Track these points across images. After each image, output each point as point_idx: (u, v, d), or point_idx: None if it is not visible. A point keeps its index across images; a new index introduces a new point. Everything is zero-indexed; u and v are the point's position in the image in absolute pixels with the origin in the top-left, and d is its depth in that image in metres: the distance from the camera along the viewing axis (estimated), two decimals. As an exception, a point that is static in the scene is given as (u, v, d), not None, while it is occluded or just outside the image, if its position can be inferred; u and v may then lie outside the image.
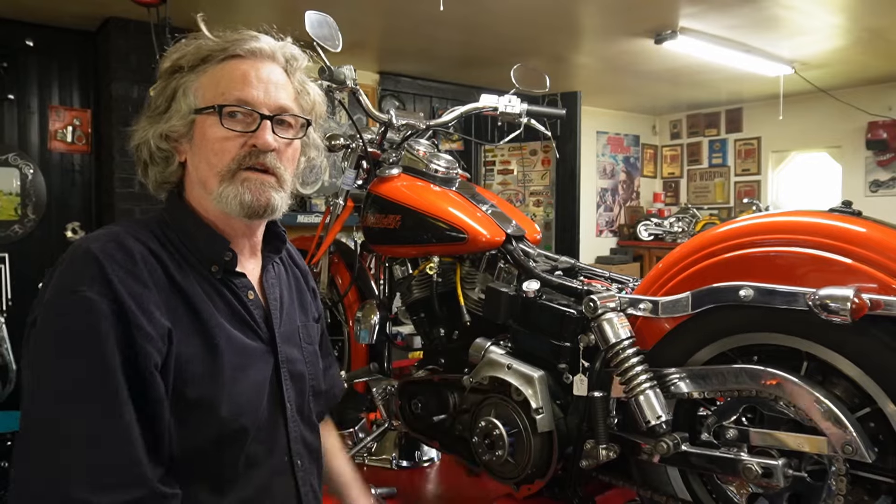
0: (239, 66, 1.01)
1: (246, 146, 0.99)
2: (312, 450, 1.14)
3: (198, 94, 1.00)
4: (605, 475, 1.46)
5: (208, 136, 0.99)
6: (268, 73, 1.02)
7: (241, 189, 0.99)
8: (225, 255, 1.02)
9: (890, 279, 1.06)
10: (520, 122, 2.06)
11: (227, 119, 0.98)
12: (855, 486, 1.13)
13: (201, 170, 1.01)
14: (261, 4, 3.97)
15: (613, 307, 1.36)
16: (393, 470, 2.00)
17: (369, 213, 1.83)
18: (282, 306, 1.12)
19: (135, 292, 0.89)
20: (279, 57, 1.05)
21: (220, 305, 1.01)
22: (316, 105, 1.11)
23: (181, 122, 1.01)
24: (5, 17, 4.16)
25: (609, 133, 7.66)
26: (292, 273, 1.22)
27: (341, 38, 1.82)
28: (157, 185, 1.07)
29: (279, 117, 1.02)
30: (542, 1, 3.98)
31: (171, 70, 1.02)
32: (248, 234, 1.09)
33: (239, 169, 0.99)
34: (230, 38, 1.02)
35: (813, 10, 4.15)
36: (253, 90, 1.00)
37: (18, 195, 4.27)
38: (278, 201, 1.03)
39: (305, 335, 1.17)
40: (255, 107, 0.99)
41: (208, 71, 1.01)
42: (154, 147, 1.02)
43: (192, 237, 1.02)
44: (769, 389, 1.18)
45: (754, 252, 1.20)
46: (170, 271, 0.96)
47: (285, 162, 1.04)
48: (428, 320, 1.84)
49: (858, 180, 6.53)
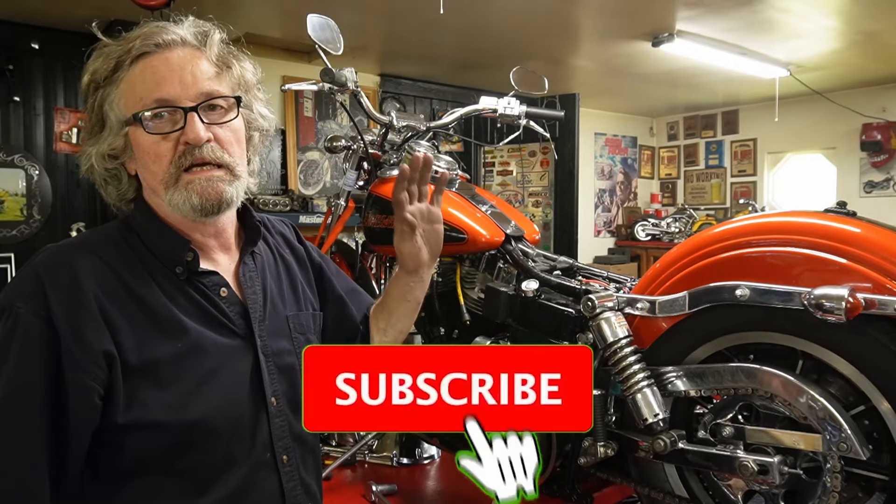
0: (149, 63, 0.94)
1: (180, 145, 0.94)
2: (306, 443, 1.09)
3: (121, 105, 0.95)
4: (602, 472, 1.46)
5: (142, 146, 0.95)
6: (180, 61, 0.95)
7: (188, 193, 0.95)
8: (186, 256, 0.99)
9: (884, 279, 1.06)
10: (519, 123, 2.06)
11: (153, 123, 0.94)
12: (849, 483, 1.14)
13: (147, 179, 0.99)
14: (263, 8, 3.96)
15: (611, 306, 1.36)
16: (394, 467, 2.00)
17: (370, 213, 1.84)
18: (265, 298, 1.08)
19: (69, 313, 0.87)
20: (189, 39, 0.97)
21: (187, 306, 0.97)
22: (244, 77, 1.02)
23: (116, 138, 0.97)
24: (11, 20, 4.16)
25: (607, 134, 7.66)
26: (283, 262, 1.18)
27: (343, 41, 1.82)
28: (119, 202, 1.04)
29: (205, 103, 0.95)
30: (540, 4, 3.98)
31: (92, 87, 0.98)
32: (215, 233, 1.05)
33: (180, 171, 0.95)
34: (133, 37, 0.96)
35: (808, 13, 4.15)
36: (168, 86, 0.93)
37: (24, 196, 4.27)
38: (231, 192, 0.98)
39: (297, 324, 1.12)
40: (175, 102, 0.94)
41: (123, 78, 0.95)
42: (100, 168, 0.99)
43: (154, 241, 0.99)
44: (765, 387, 1.18)
45: (750, 252, 1.20)
46: (125, 280, 0.93)
47: (228, 147, 0.98)
48: (428, 319, 1.84)
49: (853, 181, 6.53)
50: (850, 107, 6.23)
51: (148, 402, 0.90)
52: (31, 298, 0.86)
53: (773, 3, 3.93)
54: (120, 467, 0.92)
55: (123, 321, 0.91)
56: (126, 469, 0.92)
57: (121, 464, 0.92)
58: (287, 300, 1.14)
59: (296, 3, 3.86)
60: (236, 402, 0.99)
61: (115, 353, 0.88)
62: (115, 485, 0.92)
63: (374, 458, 2.03)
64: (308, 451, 1.10)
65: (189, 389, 0.93)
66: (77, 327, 0.87)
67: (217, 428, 0.95)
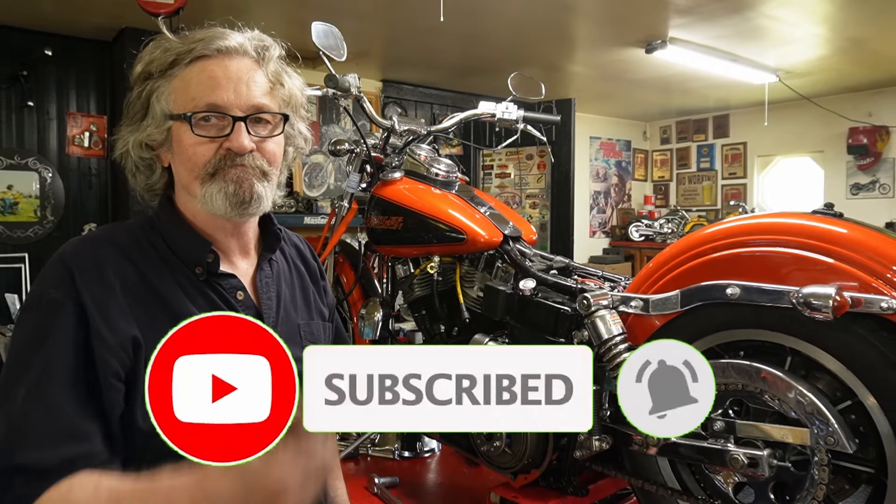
0: (207, 66, 0.94)
1: (221, 149, 0.94)
2: None
3: (170, 100, 0.95)
4: (598, 465, 1.46)
5: (184, 143, 0.94)
6: (238, 70, 0.95)
7: (224, 182, 0.94)
8: (207, 258, 0.97)
9: (870, 278, 1.06)
10: (517, 127, 2.06)
11: (200, 125, 0.93)
12: (836, 476, 1.14)
13: (182, 175, 0.97)
14: (270, 16, 3.96)
15: (606, 305, 1.36)
16: (395, 460, 2.00)
17: (373, 214, 1.83)
18: (279, 305, 1.07)
19: (98, 298, 0.86)
20: (249, 50, 0.97)
21: (204, 307, 0.96)
22: (294, 95, 1.02)
23: (158, 131, 0.96)
24: (25, 28, 4.16)
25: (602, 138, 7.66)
26: (296, 271, 1.17)
27: (346, 48, 1.82)
28: (146, 192, 1.03)
29: (254, 116, 0.95)
30: (537, 13, 3.97)
31: (143, 76, 0.96)
32: (237, 234, 1.03)
33: (216, 169, 0.94)
34: (196, 38, 0.95)
35: (797, 21, 4.15)
36: (223, 92, 0.93)
37: (38, 198, 4.27)
38: (262, 191, 0.97)
39: (307, 333, 1.11)
40: (226, 110, 0.93)
41: (178, 75, 0.94)
42: (135, 156, 0.98)
43: (176, 240, 0.98)
44: (755, 383, 1.18)
45: (741, 252, 1.20)
46: (146, 276, 0.92)
47: (269, 156, 0.98)
48: (429, 317, 1.84)
49: (840, 183, 6.53)
50: (837, 111, 6.23)
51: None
52: (62, 284, 0.86)
53: (763, 10, 3.93)
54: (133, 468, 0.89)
55: (144, 315, 0.90)
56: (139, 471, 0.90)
57: (134, 467, 0.88)
58: (299, 308, 1.12)
59: (301, 11, 3.87)
60: None
61: (141, 341, 0.87)
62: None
63: (376, 452, 2.03)
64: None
65: None
66: (106, 311, 0.86)
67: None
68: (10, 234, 4.18)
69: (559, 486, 1.53)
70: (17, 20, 4.06)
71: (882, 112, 6.16)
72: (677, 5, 3.89)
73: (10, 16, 3.98)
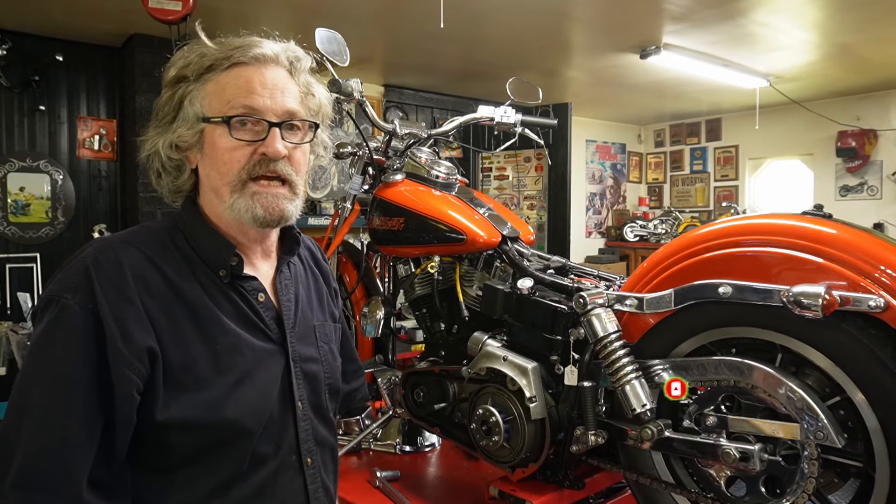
0: (243, 72, 0.94)
1: (256, 154, 0.94)
2: (327, 446, 1.08)
3: (204, 104, 0.94)
4: (593, 459, 1.46)
5: (218, 146, 0.94)
6: (273, 78, 0.95)
7: (252, 203, 0.94)
8: (231, 261, 0.97)
9: (858, 277, 1.06)
10: (515, 131, 2.06)
11: (236, 128, 0.93)
12: (826, 470, 1.13)
13: (213, 178, 0.96)
14: (275, 22, 3.96)
15: (602, 303, 1.36)
16: (397, 455, 1.99)
17: (375, 215, 1.83)
18: (296, 306, 1.07)
19: (115, 307, 0.85)
20: (283, 60, 0.98)
21: (228, 308, 0.96)
22: (322, 105, 1.03)
23: (189, 132, 0.95)
24: (37, 34, 4.16)
25: (597, 141, 7.66)
26: (311, 273, 1.16)
27: (349, 54, 1.82)
28: (171, 194, 1.02)
29: (288, 122, 0.96)
30: (535, 19, 3.97)
31: (176, 79, 0.96)
32: (261, 239, 1.03)
33: (249, 179, 0.94)
34: (233, 45, 0.95)
35: (787, 28, 4.15)
36: (259, 97, 0.93)
37: (49, 199, 4.27)
38: (291, 210, 0.97)
39: (322, 334, 1.11)
40: (262, 115, 0.93)
41: (213, 79, 0.94)
42: (164, 157, 0.97)
43: (200, 243, 0.97)
44: (746, 379, 1.18)
45: (733, 252, 1.20)
46: (169, 278, 0.91)
47: (296, 166, 0.98)
48: (429, 315, 1.84)
49: (829, 185, 6.54)
50: (827, 115, 6.24)
51: (186, 401, 0.87)
52: (79, 290, 0.84)
53: (754, 17, 3.93)
54: (152, 464, 0.89)
55: (165, 319, 0.89)
56: (159, 465, 0.89)
57: (154, 460, 0.89)
58: (314, 309, 1.13)
59: (305, 17, 3.87)
60: (268, 403, 0.97)
61: (157, 351, 0.86)
62: (150, 479, 0.89)
63: (378, 446, 2.02)
64: (328, 455, 1.09)
65: (225, 390, 0.91)
66: (122, 321, 0.85)
67: (249, 428, 0.93)
68: (23, 234, 4.18)
69: (556, 479, 1.53)
70: (29, 27, 4.07)
71: (870, 116, 6.17)
72: (671, 12, 3.89)
73: (23, 23, 3.99)
